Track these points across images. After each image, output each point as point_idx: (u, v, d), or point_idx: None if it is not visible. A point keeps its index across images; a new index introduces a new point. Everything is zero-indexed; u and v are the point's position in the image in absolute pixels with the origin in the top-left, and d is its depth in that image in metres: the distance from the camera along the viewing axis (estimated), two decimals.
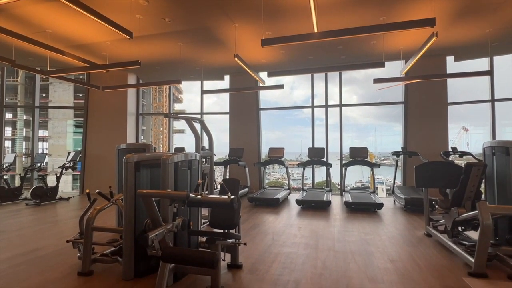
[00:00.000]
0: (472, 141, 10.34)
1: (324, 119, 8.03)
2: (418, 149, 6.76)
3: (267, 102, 37.14)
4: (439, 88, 7.21)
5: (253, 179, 8.16)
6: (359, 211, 5.58)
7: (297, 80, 37.84)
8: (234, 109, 8.66)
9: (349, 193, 6.58)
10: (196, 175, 3.03)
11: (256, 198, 6.27)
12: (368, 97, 13.95)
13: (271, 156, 7.38)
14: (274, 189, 7.39)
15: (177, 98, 36.69)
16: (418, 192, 6.13)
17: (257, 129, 8.44)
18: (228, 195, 2.27)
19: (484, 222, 2.59)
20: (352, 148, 7.00)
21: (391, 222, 4.88)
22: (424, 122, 7.26)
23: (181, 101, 32.45)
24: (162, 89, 33.80)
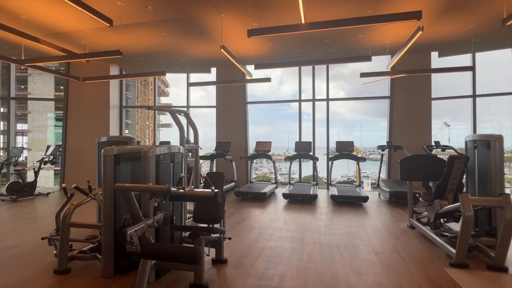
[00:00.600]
0: (454, 136, 10.74)
1: (312, 114, 8.03)
2: (403, 143, 6.87)
3: (255, 96, 36.95)
4: (424, 83, 7.32)
5: (240, 173, 8.10)
6: (345, 205, 5.63)
7: (285, 75, 38.09)
8: (221, 102, 8.53)
9: (335, 187, 6.63)
10: (180, 169, 2.94)
11: (243, 192, 6.21)
12: (355, 93, 14.14)
13: (258, 150, 7.33)
14: (261, 183, 7.36)
15: (164, 91, 35.97)
16: (402, 186, 6.24)
17: (245, 123, 8.35)
18: (212, 189, 2.19)
19: (466, 214, 2.63)
20: (339, 142, 7.03)
21: (376, 214, 4.94)
22: (409, 116, 7.38)
23: (167, 95, 31.85)
24: (148, 82, 33.03)
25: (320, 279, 2.57)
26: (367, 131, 20.75)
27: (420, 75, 7.21)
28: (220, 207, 2.58)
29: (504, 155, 3.22)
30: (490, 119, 10.23)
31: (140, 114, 28.95)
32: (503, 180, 3.20)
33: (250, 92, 8.70)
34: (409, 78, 7.24)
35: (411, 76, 7.18)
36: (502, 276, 2.62)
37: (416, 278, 2.58)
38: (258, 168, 26.20)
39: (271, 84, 38.87)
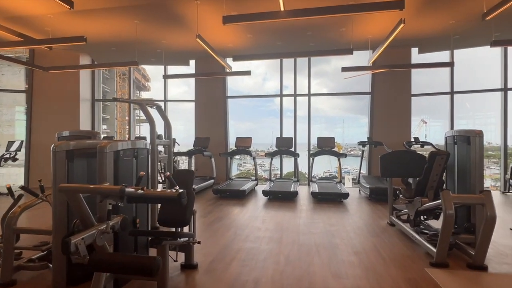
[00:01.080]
0: (431, 133, 11.01)
1: (293, 110, 7.87)
2: (383, 139, 6.85)
3: (239, 92, 36.70)
4: (404, 80, 7.32)
5: (219, 170, 7.84)
6: (325, 201, 5.52)
7: (269, 71, 38.05)
8: (200, 96, 8.20)
9: (316, 183, 6.52)
10: (145, 166, 2.66)
11: (221, 189, 5.97)
12: (337, 90, 14.36)
13: (238, 146, 7.09)
14: (241, 180, 7.14)
15: (144, 86, 34.80)
16: (382, 182, 6.21)
17: (225, 118, 8.08)
18: (176, 189, 1.94)
19: (447, 212, 2.54)
20: (320, 138, 6.92)
21: (356, 211, 4.85)
22: (389, 112, 7.37)
23: (148, 90, 30.85)
24: (127, 76, 31.80)
25: (297, 284, 2.39)
26: (349, 128, 21.14)
27: (401, 71, 7.21)
28: (188, 208, 2.34)
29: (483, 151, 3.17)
30: (465, 116, 10.50)
31: (119, 109, 27.88)
32: (483, 177, 3.15)
33: (234, 88, 8.49)
34: (390, 74, 7.22)
35: (391, 72, 7.16)
36: (482, 275, 2.55)
37: (397, 280, 2.46)
38: (242, 164, 26.04)
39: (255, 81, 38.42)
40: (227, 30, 5.87)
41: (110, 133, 27.05)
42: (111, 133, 26.02)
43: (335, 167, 13.54)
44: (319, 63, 7.52)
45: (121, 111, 28.73)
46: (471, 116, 10.33)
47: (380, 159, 4.03)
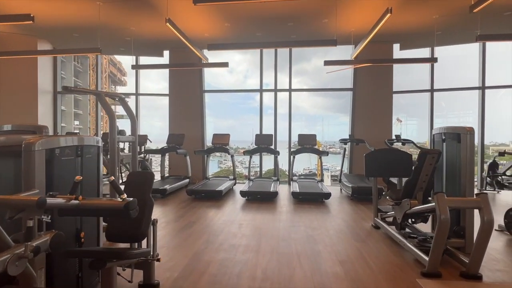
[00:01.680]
0: (408, 132, 11.22)
1: (273, 106, 7.53)
2: (365, 137, 6.69)
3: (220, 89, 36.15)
4: (386, 77, 7.19)
5: (196, 168, 7.37)
6: (306, 202, 5.24)
7: (251, 68, 38.16)
8: (174, 90, 7.67)
9: (296, 183, 6.23)
10: (93, 168, 2.19)
11: (196, 190, 5.53)
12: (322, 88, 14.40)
13: (215, 143, 6.66)
14: (218, 179, 6.72)
15: (120, 80, 33.24)
16: (364, 181, 6.03)
17: (201, 113, 7.60)
18: (122, 198, 1.52)
19: (442, 216, 2.28)
20: (301, 135, 6.64)
21: (338, 213, 4.59)
22: (371, 109, 7.22)
23: (125, 84, 29.54)
24: (102, 69, 30.21)
25: None
26: (328, 126, 21.59)
27: (383, 68, 7.07)
28: (144, 219, 1.91)
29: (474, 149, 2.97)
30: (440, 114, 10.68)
31: (93, 104, 26.46)
32: (473, 177, 2.95)
33: (215, 85, 8.03)
34: (372, 70, 7.07)
35: (373, 69, 7.01)
36: (478, 285, 2.32)
37: None
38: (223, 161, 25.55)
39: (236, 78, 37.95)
40: (202, 17, 5.41)
41: (83, 129, 25.63)
42: (84, 129, 24.65)
43: (314, 164, 13.45)
44: (299, 61, 7.25)
45: (95, 106, 27.21)
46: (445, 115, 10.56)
47: (365, 157, 3.77)
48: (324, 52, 19.03)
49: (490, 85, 6.93)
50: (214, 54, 7.67)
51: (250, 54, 6.53)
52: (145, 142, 6.94)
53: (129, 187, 2.02)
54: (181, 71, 7.52)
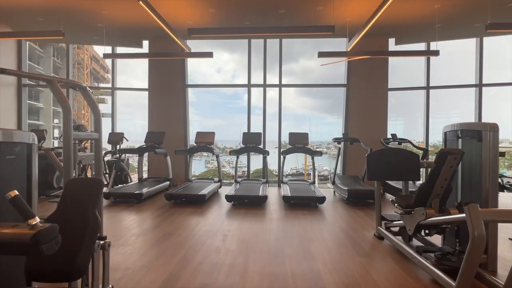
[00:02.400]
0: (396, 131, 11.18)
1: (262, 102, 7.01)
2: (359, 136, 6.28)
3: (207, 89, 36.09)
4: (381, 73, 6.81)
5: (178, 170, 6.78)
6: (299, 207, 4.75)
7: (238, 68, 38.31)
8: (154, 84, 7.03)
9: (287, 185, 5.74)
10: (18, 174, 1.60)
11: (176, 194, 4.94)
12: (306, 90, 13.97)
13: (199, 142, 6.08)
14: (202, 181, 6.14)
15: (104, 77, 31.96)
16: (359, 183, 5.60)
17: (184, 109, 7.00)
18: (31, 223, 0.95)
19: (476, 233, 1.82)
20: (292, 133, 6.16)
21: (335, 220, 4.12)
22: (365, 107, 6.83)
23: (108, 81, 28.34)
24: (83, 65, 28.89)
25: None
26: (316, 126, 21.57)
27: (378, 63, 6.69)
28: (82, 248, 1.34)
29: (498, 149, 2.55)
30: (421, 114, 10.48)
31: (74, 102, 25.30)
32: (497, 182, 2.54)
33: (202, 83, 7.37)
34: (366, 65, 6.68)
35: (368, 64, 6.62)
36: None
37: None
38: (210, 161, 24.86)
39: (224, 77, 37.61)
40: (184, 1, 4.82)
41: (45, 126, 23.98)
42: (45, 126, 23.32)
43: (302, 164, 13.05)
44: (287, 62, 6.75)
45: (76, 103, 26.02)
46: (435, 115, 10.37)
47: (367, 158, 3.31)
48: (313, 52, 18.73)
49: (487, 83, 6.67)
50: (199, 48, 7.08)
51: (238, 54, 6.06)
52: (121, 141, 6.28)
53: (65, 200, 1.45)
54: (162, 63, 6.89)
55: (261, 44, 6.85)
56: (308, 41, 6.40)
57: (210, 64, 18.33)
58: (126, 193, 4.97)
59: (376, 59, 6.67)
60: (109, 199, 5.01)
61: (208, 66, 19.93)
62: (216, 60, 15.96)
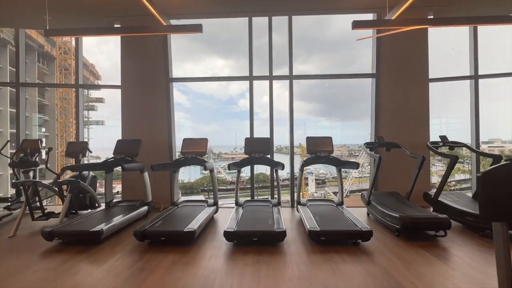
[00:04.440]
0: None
1: (264, 112, 5.51)
2: (393, 138, 4.82)
3: (203, 96, 34.64)
4: (418, 59, 5.35)
5: (163, 188, 5.22)
6: (333, 246, 3.20)
7: (233, 72, 37.77)
8: (128, 78, 5.49)
9: (308, 209, 4.19)
10: None
11: (151, 232, 3.34)
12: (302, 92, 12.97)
13: (186, 152, 4.53)
14: (192, 205, 4.56)
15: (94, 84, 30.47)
16: (410, 206, 4.07)
17: (168, 110, 5.46)
18: None
19: None
20: (311, 138, 4.63)
21: (401, 272, 2.57)
22: (400, 103, 5.35)
23: (98, 89, 26.93)
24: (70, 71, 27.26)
25: None
26: (309, 129, 20.51)
27: (415, 47, 5.27)
28: None
29: None
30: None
31: (61, 109, 23.72)
32: None
33: (197, 89, 5.96)
34: (401, 52, 5.28)
35: (402, 50, 5.23)
36: None
37: None
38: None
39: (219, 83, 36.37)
40: None
41: (51, 136, 22.73)
42: (52, 136, 21.88)
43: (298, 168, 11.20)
44: (281, 66, 5.22)
45: (63, 111, 24.41)
46: None
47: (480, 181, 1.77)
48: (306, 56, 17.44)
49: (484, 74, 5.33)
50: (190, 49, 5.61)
51: (233, 60, 4.85)
52: (84, 153, 4.71)
53: None
54: (139, 50, 5.37)
55: (260, 43, 5.39)
56: (301, 45, 5.13)
57: (205, 70, 17.56)
58: (77, 231, 3.38)
59: (412, 43, 5.24)
60: (53, 241, 3.41)
61: (203, 73, 19.03)
62: (210, 67, 15.25)
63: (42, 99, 23.21)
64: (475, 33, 5.46)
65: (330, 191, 21.23)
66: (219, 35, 35.88)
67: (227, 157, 23.75)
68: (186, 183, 20.38)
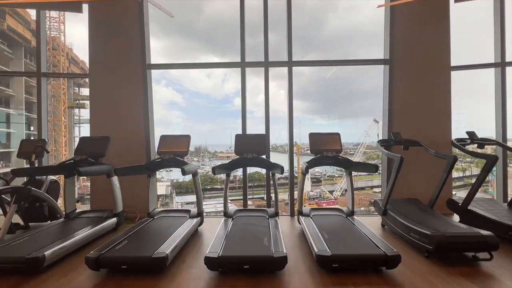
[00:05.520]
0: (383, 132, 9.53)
1: (259, 111, 4.70)
2: (406, 134, 4.08)
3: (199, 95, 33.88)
4: (439, 45, 4.60)
5: (140, 194, 4.38)
6: (350, 276, 2.42)
7: (228, 73, 37.46)
8: (98, 65, 4.65)
9: (312, 221, 3.41)
10: None
11: (109, 258, 2.51)
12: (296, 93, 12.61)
13: (163, 151, 3.71)
14: (172, 216, 3.74)
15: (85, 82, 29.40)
16: (443, 219, 3.30)
17: (145, 102, 4.63)
18: None
19: None
20: (315, 135, 3.84)
21: None
22: (418, 94, 4.60)
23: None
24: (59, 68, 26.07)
25: None
26: (305, 127, 20.11)
27: (434, 31, 4.53)
28: None
29: None
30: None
31: (53, 107, 22.73)
32: None
33: (193, 89, 5.17)
34: (419, 34, 4.52)
35: (420, 33, 4.47)
36: None
37: None
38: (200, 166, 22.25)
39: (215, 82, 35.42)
40: None
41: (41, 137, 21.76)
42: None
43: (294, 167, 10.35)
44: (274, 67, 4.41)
45: (55, 109, 23.40)
46: None
47: None
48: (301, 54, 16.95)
49: None
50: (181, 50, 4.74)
51: (228, 59, 3.91)
52: (39, 154, 3.87)
53: None
54: (110, 30, 4.53)
55: (254, 43, 4.60)
56: (297, 44, 4.47)
57: (201, 70, 17.05)
58: (9, 258, 2.55)
59: (431, 25, 4.50)
60: None
61: (199, 72, 18.56)
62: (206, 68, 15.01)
63: (28, 97, 22.03)
64: (501, 9, 4.70)
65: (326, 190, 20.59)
66: (216, 34, 34.80)
67: (223, 155, 22.93)
68: (181, 182, 19.46)
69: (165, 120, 26.76)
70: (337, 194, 18.96)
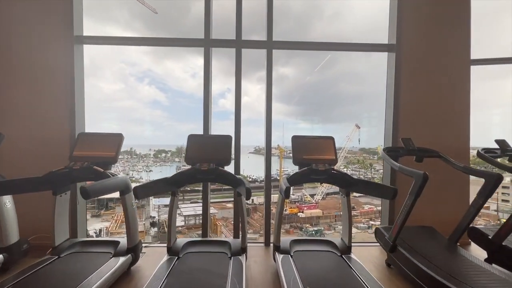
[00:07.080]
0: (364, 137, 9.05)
1: (235, 112, 3.57)
2: (425, 143, 3.10)
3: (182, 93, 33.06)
4: (457, 36, 3.64)
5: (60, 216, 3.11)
6: None
7: (215, 72, 37.34)
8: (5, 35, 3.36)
9: (293, 263, 2.32)
10: None
11: None
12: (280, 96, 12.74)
13: (78, 156, 2.50)
14: (88, 252, 2.53)
15: None
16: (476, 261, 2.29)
17: (71, 89, 3.37)
18: None
19: None
20: (299, 138, 2.76)
21: None
22: (431, 91, 3.63)
23: None
24: None
25: None
26: (289, 131, 20.02)
27: (451, 19, 3.58)
28: None
29: None
30: None
31: None
32: None
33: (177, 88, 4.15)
34: (432, 19, 3.55)
35: (434, 16, 3.51)
36: None
37: None
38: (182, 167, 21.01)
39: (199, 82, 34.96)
40: None
41: None
42: None
43: (276, 169, 8.86)
44: (261, 68, 3.42)
45: None
46: None
47: None
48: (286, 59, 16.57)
49: None
50: None
51: (215, 59, 2.73)
52: None
53: None
54: None
55: None
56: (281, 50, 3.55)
57: (185, 69, 16.76)
58: None
59: (447, 12, 3.56)
60: None
61: (184, 72, 17.92)
62: (191, 65, 14.67)
63: None
64: None
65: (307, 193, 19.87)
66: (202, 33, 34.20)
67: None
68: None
69: (149, 119, 25.70)
70: (318, 198, 18.39)
